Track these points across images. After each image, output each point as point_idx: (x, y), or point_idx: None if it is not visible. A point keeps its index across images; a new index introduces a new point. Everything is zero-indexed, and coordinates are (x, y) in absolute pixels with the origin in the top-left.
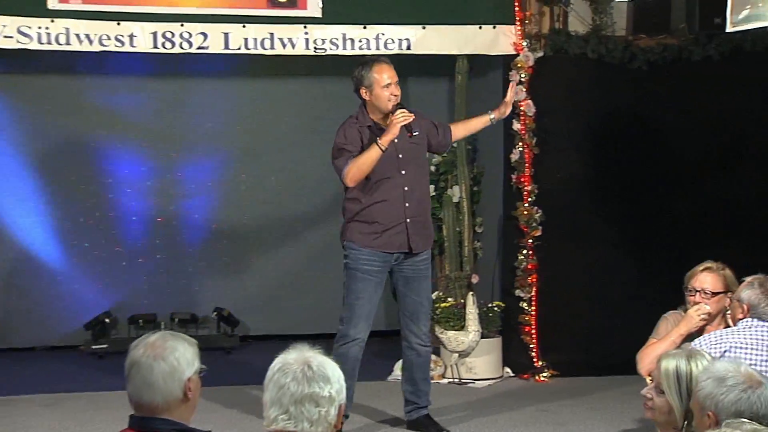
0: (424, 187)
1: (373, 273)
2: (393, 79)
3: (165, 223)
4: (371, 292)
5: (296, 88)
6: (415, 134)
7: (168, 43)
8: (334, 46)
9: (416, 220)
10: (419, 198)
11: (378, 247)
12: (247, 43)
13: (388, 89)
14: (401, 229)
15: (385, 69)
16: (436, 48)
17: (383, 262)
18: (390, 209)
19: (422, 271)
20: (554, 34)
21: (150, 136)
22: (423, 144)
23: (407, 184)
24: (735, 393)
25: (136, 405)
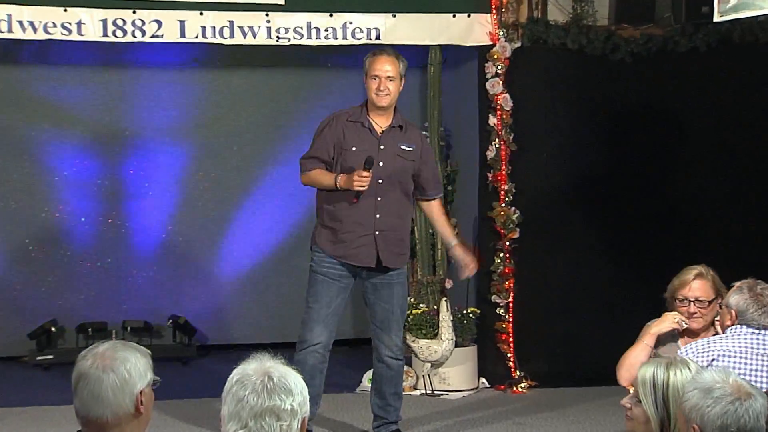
0: (402, 203)
1: (335, 276)
2: (383, 72)
3: (115, 224)
4: (332, 296)
5: (258, 80)
6: (406, 149)
7: (119, 31)
8: (298, 36)
9: (387, 235)
10: (394, 212)
11: (344, 257)
12: (205, 32)
13: (375, 82)
14: (368, 242)
15: (379, 60)
16: (408, 38)
17: (349, 268)
18: (358, 217)
19: (393, 278)
20: (532, 24)
21: (99, 131)
22: (411, 163)
23: (381, 195)
24: (722, 405)
25: (83, 420)
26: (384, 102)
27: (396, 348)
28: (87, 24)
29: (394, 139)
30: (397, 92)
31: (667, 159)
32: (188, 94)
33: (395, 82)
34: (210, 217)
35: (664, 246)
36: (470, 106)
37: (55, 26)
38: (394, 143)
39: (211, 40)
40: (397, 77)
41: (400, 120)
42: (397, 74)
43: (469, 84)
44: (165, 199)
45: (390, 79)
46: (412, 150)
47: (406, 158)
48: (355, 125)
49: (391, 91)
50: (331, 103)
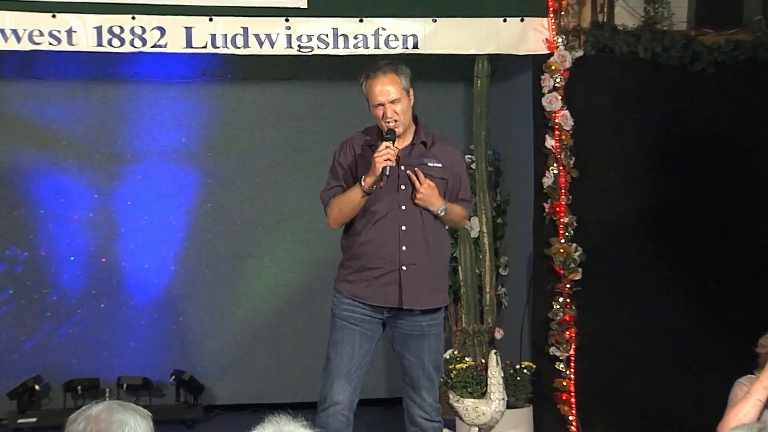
0: (434, 232)
1: (356, 321)
2: (386, 96)
3: (109, 264)
4: (354, 345)
5: (275, 95)
6: (434, 165)
7: (116, 40)
8: (323, 45)
9: (415, 270)
10: (423, 242)
11: (362, 297)
12: (215, 41)
13: (380, 110)
14: (392, 279)
15: (378, 83)
16: (450, 46)
17: (373, 312)
18: (380, 251)
19: (424, 328)
20: (596, 29)
21: (92, 155)
22: (441, 182)
23: (406, 223)
24: None
25: None
26: (399, 130)
27: (430, 408)
28: (79, 32)
29: (417, 157)
30: (409, 110)
31: (756, 188)
32: (195, 113)
33: (402, 102)
34: (219, 255)
35: (753, 290)
36: (523, 126)
37: (42, 35)
38: (418, 160)
39: (222, 50)
40: (401, 95)
41: (425, 134)
42: (400, 92)
43: (523, 100)
44: (167, 235)
45: (394, 102)
46: (441, 167)
47: (433, 175)
48: (369, 150)
49: (400, 114)
50: (360, 122)
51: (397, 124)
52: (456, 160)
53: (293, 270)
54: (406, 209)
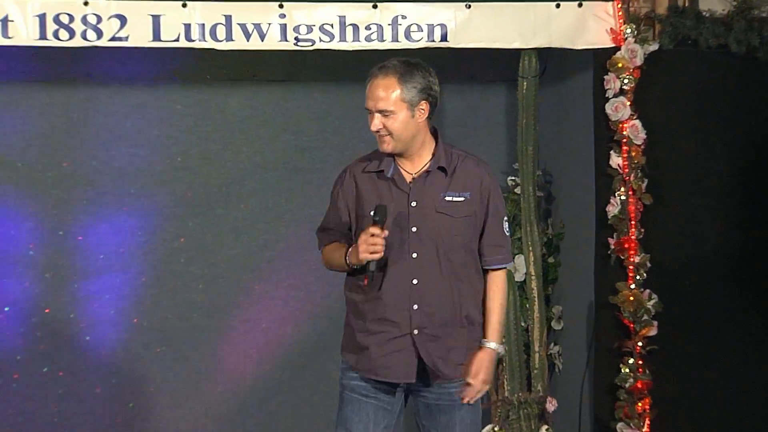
0: (460, 277)
1: (368, 392)
2: (373, 103)
3: (55, 316)
4: (367, 422)
5: (266, 101)
6: (454, 200)
7: (63, 31)
8: (327, 37)
9: (430, 335)
10: (441, 298)
11: (370, 372)
12: (189, 33)
13: (370, 119)
14: (404, 346)
15: (371, 85)
16: (487, 39)
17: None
18: (386, 310)
19: (455, 397)
20: (676, 17)
21: (34, 177)
22: (464, 220)
23: (418, 275)
24: None
25: None
26: (387, 148)
27: None
28: (16, 21)
29: (433, 189)
30: (406, 127)
31: None
32: (164, 123)
33: (396, 116)
34: (196, 305)
35: None
36: (582, 140)
37: None
38: (434, 194)
39: (199, 45)
40: (396, 108)
41: (444, 157)
42: (395, 104)
43: (580, 106)
44: (129, 278)
45: (385, 114)
46: (464, 200)
47: (454, 215)
48: (372, 178)
49: (393, 130)
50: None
51: (386, 141)
52: (486, 185)
53: (289, 323)
54: (419, 257)
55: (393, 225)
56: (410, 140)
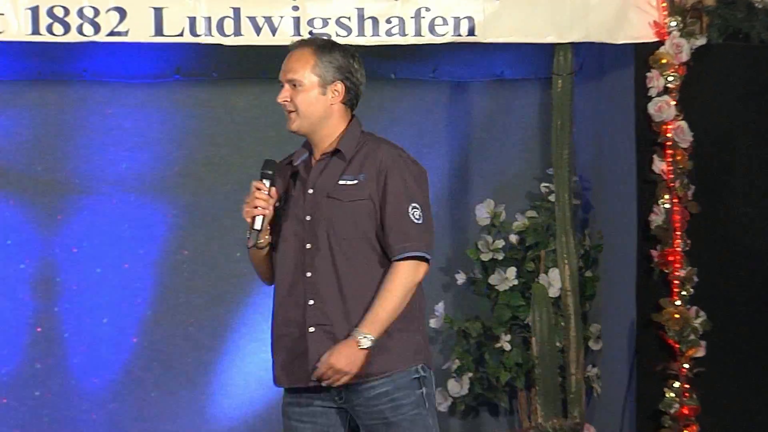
0: (353, 272)
1: (305, 417)
2: (284, 73)
3: (47, 335)
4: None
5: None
6: (347, 183)
7: (58, 25)
8: (344, 31)
9: (328, 332)
10: (335, 292)
11: (278, 380)
12: (194, 27)
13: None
14: (301, 347)
15: (286, 59)
16: (518, 33)
17: (319, 395)
18: (284, 310)
19: (386, 413)
20: (725, 8)
21: (24, 184)
22: (354, 205)
23: (311, 268)
24: None
25: None
26: (291, 126)
27: None
28: (7, 15)
29: (330, 174)
30: (314, 105)
31: None
32: (167, 125)
33: (304, 91)
34: (201, 324)
35: None
36: (622, 142)
37: None
38: (330, 179)
39: (205, 40)
40: (307, 80)
41: (349, 141)
42: (308, 75)
43: (621, 106)
44: (128, 294)
45: (293, 85)
46: (356, 183)
47: (343, 199)
48: (286, 170)
49: (298, 105)
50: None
51: (291, 117)
52: (384, 165)
53: None
54: (312, 248)
55: (291, 215)
56: (318, 122)
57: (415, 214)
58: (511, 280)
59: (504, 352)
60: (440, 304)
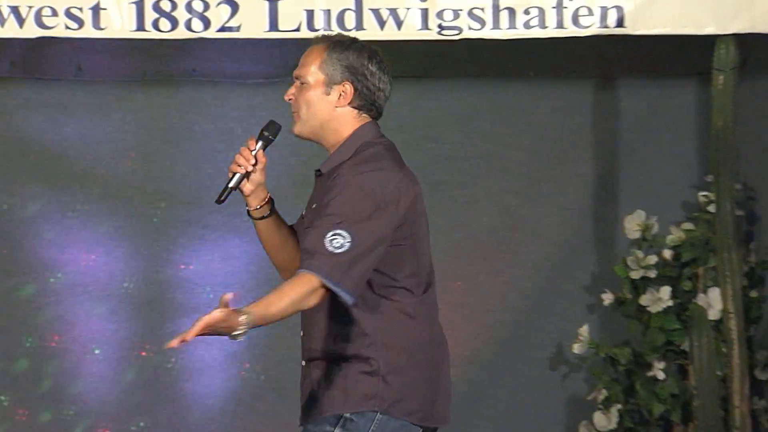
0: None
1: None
2: (297, 69)
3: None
4: None
5: (402, 103)
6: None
7: (164, 21)
8: (477, 24)
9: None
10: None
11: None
12: (313, 20)
13: None
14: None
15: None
16: (674, 24)
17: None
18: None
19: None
20: None
21: (128, 194)
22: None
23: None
24: None
25: None
26: (293, 130)
27: None
28: (109, 10)
29: (315, 194)
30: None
31: None
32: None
33: (308, 90)
34: None
35: None
36: None
37: (55, 14)
38: (313, 200)
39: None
40: (313, 78)
41: (338, 155)
42: (314, 72)
43: None
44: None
45: (300, 81)
46: (315, 207)
47: (308, 226)
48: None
49: (300, 105)
50: (534, 138)
51: (293, 119)
52: (334, 181)
53: None
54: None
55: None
56: (320, 126)
57: (334, 242)
58: (665, 301)
59: (657, 381)
60: (584, 328)
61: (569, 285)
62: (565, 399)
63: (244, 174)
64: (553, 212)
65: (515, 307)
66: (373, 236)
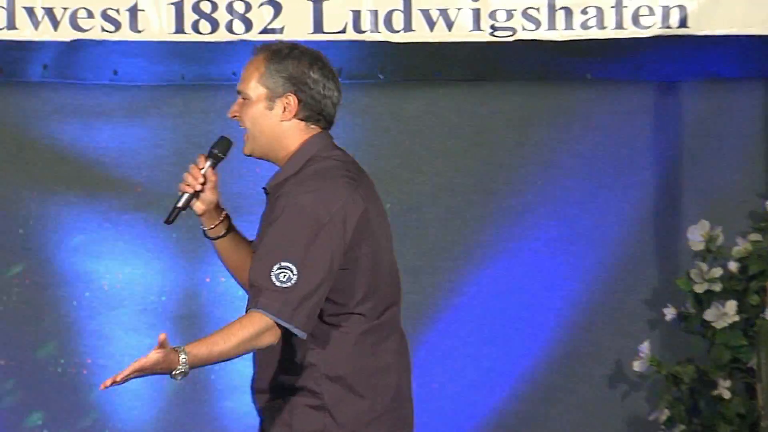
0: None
1: None
2: (238, 85)
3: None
4: None
5: (452, 108)
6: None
7: (205, 23)
8: (532, 24)
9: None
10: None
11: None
12: (359, 22)
13: None
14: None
15: None
16: (740, 23)
17: None
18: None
19: None
20: None
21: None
22: None
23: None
24: None
25: None
26: (245, 149)
27: None
28: (148, 11)
29: (265, 215)
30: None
31: None
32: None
33: (250, 105)
34: None
35: None
36: None
37: (91, 16)
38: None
39: (370, 36)
40: (254, 93)
41: (284, 171)
42: (254, 86)
43: None
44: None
45: (243, 98)
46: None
47: (255, 250)
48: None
49: (244, 121)
50: (592, 144)
51: (245, 137)
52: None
53: (481, 389)
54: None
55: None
56: (269, 144)
57: (281, 275)
58: (731, 316)
59: (723, 400)
60: (645, 344)
61: (629, 299)
62: (625, 419)
63: (192, 194)
64: (611, 222)
65: (572, 322)
66: (320, 265)
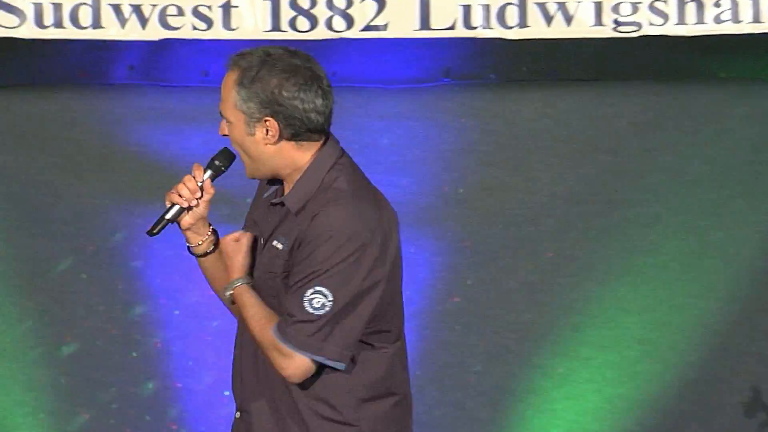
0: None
1: None
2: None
3: None
4: None
5: (572, 110)
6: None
7: (303, 20)
8: (659, 18)
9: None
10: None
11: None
12: (470, 17)
13: None
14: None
15: None
16: None
17: None
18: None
19: None
20: None
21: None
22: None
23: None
24: None
25: None
26: (245, 170)
27: None
28: (242, 8)
29: (274, 227)
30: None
31: None
32: (431, 140)
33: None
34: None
35: None
36: None
37: (182, 14)
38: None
39: (482, 33)
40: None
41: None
42: (232, 110)
43: None
44: None
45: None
46: (281, 249)
47: (273, 269)
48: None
49: (234, 141)
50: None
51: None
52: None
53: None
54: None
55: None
56: (264, 167)
57: (314, 301)
58: None
59: None
60: None
61: (767, 319)
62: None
63: (186, 207)
64: (747, 234)
65: (704, 344)
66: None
